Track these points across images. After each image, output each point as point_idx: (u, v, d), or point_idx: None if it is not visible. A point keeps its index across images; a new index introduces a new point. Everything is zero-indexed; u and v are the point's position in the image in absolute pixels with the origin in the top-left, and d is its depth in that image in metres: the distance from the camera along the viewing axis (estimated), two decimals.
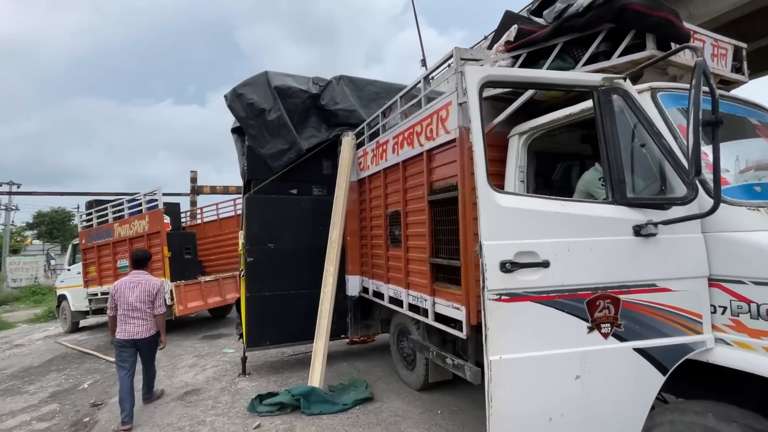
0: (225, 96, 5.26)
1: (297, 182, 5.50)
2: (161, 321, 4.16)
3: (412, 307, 3.82)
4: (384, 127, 4.45)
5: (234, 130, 6.08)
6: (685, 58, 2.42)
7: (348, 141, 5.25)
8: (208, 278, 8.13)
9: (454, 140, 3.02)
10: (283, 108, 5.27)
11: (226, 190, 22.00)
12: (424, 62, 9.04)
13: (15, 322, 12.48)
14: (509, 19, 3.52)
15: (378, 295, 4.70)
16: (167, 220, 8.47)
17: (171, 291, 7.39)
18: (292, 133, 5.26)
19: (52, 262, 10.11)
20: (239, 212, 9.86)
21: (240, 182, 5.80)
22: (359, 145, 5.23)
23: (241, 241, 4.91)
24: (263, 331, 4.90)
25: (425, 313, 3.51)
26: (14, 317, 13.78)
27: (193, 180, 20.56)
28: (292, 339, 5.06)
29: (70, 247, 10.06)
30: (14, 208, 29.17)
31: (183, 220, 11.02)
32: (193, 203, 18.64)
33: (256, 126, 5.24)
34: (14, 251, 27.01)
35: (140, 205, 8.31)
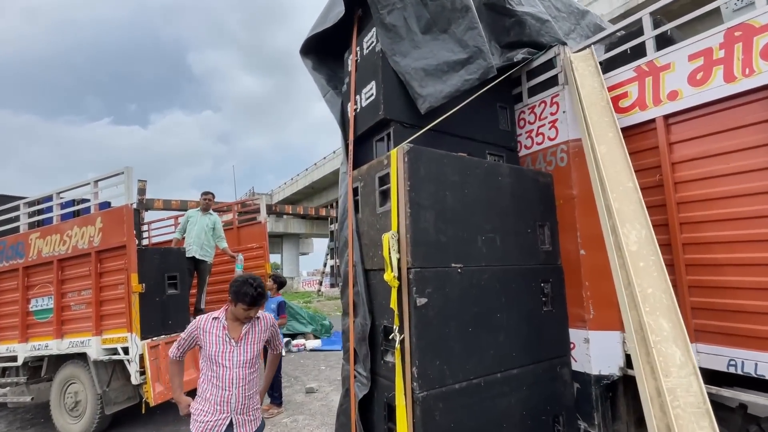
0: None
1: (459, 140, 2.73)
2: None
3: None
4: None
5: (307, 49, 3.19)
6: None
7: (585, 57, 2.63)
8: None
9: None
10: None
11: (184, 206, 17.83)
12: None
13: None
14: None
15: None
16: None
17: (141, 357, 3.98)
18: (478, 29, 2.54)
19: None
20: (248, 223, 6.67)
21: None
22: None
23: (393, 255, 1.97)
24: None
25: None
26: None
27: (142, 191, 16.17)
28: None
29: None
30: None
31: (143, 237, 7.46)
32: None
33: (400, 7, 2.46)
34: None
35: (82, 202, 4.88)
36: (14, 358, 4.72)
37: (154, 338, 4.12)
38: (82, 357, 4.33)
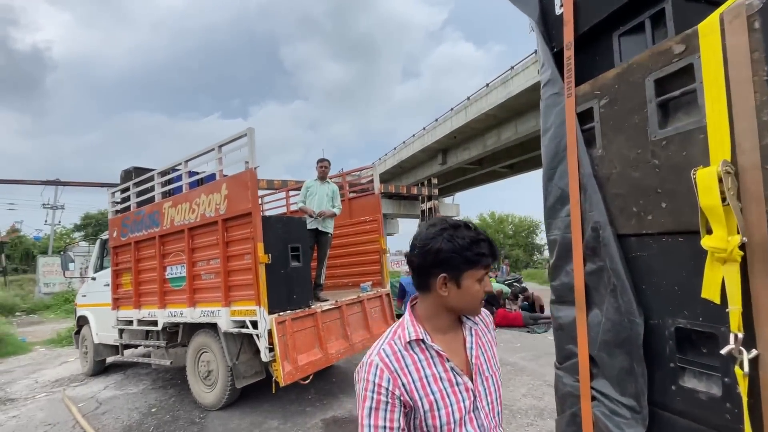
0: None
1: None
2: None
3: None
4: None
5: None
6: None
7: None
8: (326, 305, 4.39)
9: None
10: None
11: (284, 185, 18.82)
12: None
13: (33, 343, 9.47)
14: None
15: None
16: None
17: (269, 333, 3.69)
18: None
19: (71, 265, 6.69)
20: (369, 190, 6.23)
21: None
22: None
23: (734, 205, 1.08)
24: None
25: None
26: (37, 334, 10.86)
27: None
28: None
29: (97, 243, 6.71)
30: (60, 207, 27.76)
31: None
32: None
33: None
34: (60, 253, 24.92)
35: (205, 172, 4.78)
36: (155, 323, 4.91)
37: (281, 313, 3.81)
38: (212, 327, 4.26)
